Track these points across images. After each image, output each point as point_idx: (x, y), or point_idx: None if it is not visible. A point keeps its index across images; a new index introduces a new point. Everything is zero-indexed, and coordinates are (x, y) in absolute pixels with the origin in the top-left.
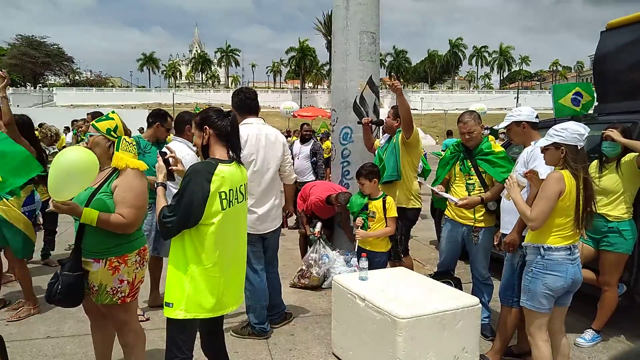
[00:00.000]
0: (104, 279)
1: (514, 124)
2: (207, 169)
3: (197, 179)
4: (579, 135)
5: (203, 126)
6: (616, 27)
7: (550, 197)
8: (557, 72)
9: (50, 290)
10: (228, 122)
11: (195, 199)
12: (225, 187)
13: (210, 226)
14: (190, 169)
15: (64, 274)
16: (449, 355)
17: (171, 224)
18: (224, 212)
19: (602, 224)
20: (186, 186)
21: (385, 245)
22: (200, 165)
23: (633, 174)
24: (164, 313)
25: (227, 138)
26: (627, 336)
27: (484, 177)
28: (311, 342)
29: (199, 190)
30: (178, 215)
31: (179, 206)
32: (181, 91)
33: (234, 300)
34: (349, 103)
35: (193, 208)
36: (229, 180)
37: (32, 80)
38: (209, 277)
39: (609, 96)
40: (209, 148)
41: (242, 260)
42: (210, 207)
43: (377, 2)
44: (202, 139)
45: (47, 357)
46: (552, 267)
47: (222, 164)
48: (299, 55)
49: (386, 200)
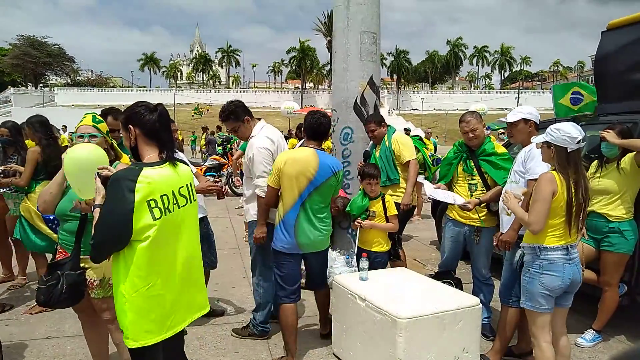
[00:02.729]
0: (107, 272)
1: (522, 120)
2: (128, 176)
3: (117, 191)
4: (569, 138)
5: (128, 125)
6: (617, 27)
7: (545, 198)
8: (557, 72)
9: (52, 292)
10: (155, 116)
11: (117, 214)
12: (156, 194)
13: (144, 241)
14: (110, 180)
15: (67, 274)
16: (449, 355)
17: (96, 247)
18: (159, 222)
19: (603, 224)
20: (106, 201)
21: (386, 245)
22: (121, 173)
23: (633, 174)
24: (128, 345)
25: (156, 135)
26: (627, 336)
27: (486, 178)
28: (311, 342)
29: (120, 203)
30: (102, 235)
31: (102, 225)
32: (182, 91)
33: (189, 313)
34: (350, 103)
35: (117, 225)
36: (160, 185)
37: (33, 80)
38: (149, 298)
39: (610, 96)
40: (137, 149)
41: (196, 268)
42: (138, 221)
43: (377, 2)
44: (130, 140)
45: (47, 357)
46: (548, 267)
47: (148, 167)
48: (299, 55)
49: (385, 199)
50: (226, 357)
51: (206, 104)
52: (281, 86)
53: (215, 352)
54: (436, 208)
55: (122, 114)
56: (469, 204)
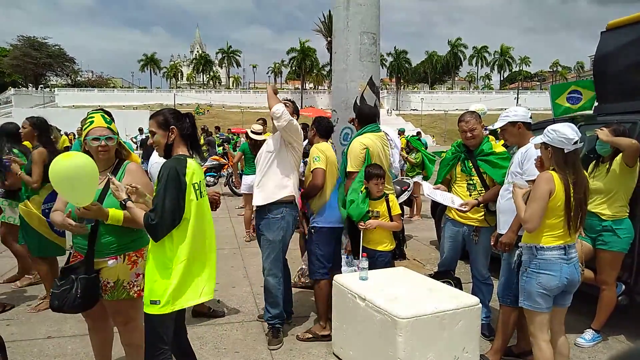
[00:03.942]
0: (122, 274)
1: (509, 124)
2: (180, 164)
3: (174, 175)
4: (565, 139)
5: (170, 126)
6: (616, 27)
7: (542, 198)
8: (557, 72)
9: (67, 297)
10: (189, 122)
11: (176, 194)
12: (196, 179)
13: (189, 219)
14: (163, 168)
15: (81, 278)
16: (449, 355)
17: (161, 225)
18: (198, 203)
19: (596, 222)
20: (165, 185)
21: (389, 244)
22: (171, 162)
23: (623, 173)
24: (147, 310)
25: (189, 137)
26: (627, 336)
27: (485, 178)
28: (311, 342)
29: (177, 184)
30: (166, 214)
31: (164, 206)
32: (182, 92)
33: (212, 289)
34: (350, 104)
35: (177, 202)
36: (198, 173)
37: (33, 81)
38: (192, 265)
39: (609, 96)
40: (172, 147)
41: (214, 251)
42: (187, 200)
43: (377, 2)
44: (168, 138)
45: (48, 357)
46: (545, 266)
47: (190, 158)
48: (300, 56)
49: (389, 199)
50: (226, 357)
51: (207, 104)
52: (281, 87)
53: (216, 352)
54: (436, 208)
55: (158, 115)
56: (466, 206)
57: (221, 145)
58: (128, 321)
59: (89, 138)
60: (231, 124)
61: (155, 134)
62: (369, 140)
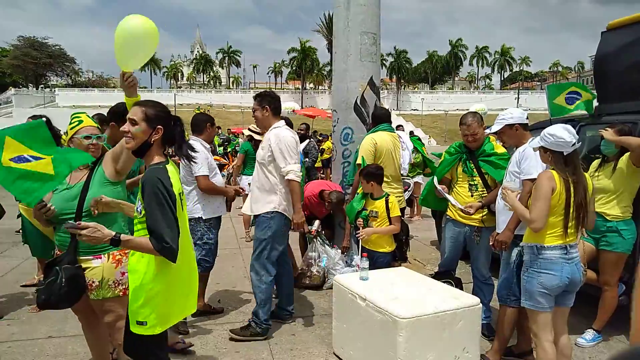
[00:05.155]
0: (107, 273)
1: (506, 126)
2: (162, 175)
3: (162, 189)
4: (562, 142)
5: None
6: (617, 27)
7: (545, 196)
8: (557, 72)
9: (52, 288)
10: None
11: (171, 207)
12: (179, 189)
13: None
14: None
15: (65, 268)
16: (449, 355)
17: (171, 243)
18: (183, 215)
19: (600, 223)
20: (157, 201)
21: (389, 245)
22: (153, 173)
23: (630, 173)
24: (134, 330)
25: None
26: (627, 336)
27: (486, 178)
28: (312, 342)
29: (170, 197)
30: (169, 230)
31: (163, 223)
32: (183, 92)
33: (195, 302)
34: (350, 104)
35: (174, 216)
36: (178, 182)
37: (34, 81)
38: (179, 281)
39: (610, 96)
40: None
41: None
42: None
43: (377, 2)
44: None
45: (48, 356)
46: (546, 266)
47: (167, 165)
48: (300, 56)
49: (389, 200)
50: (226, 357)
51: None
52: (282, 87)
53: (216, 352)
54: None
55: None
56: (471, 209)
57: (222, 145)
58: (117, 319)
59: (80, 136)
60: (231, 124)
61: (137, 125)
62: (379, 137)
